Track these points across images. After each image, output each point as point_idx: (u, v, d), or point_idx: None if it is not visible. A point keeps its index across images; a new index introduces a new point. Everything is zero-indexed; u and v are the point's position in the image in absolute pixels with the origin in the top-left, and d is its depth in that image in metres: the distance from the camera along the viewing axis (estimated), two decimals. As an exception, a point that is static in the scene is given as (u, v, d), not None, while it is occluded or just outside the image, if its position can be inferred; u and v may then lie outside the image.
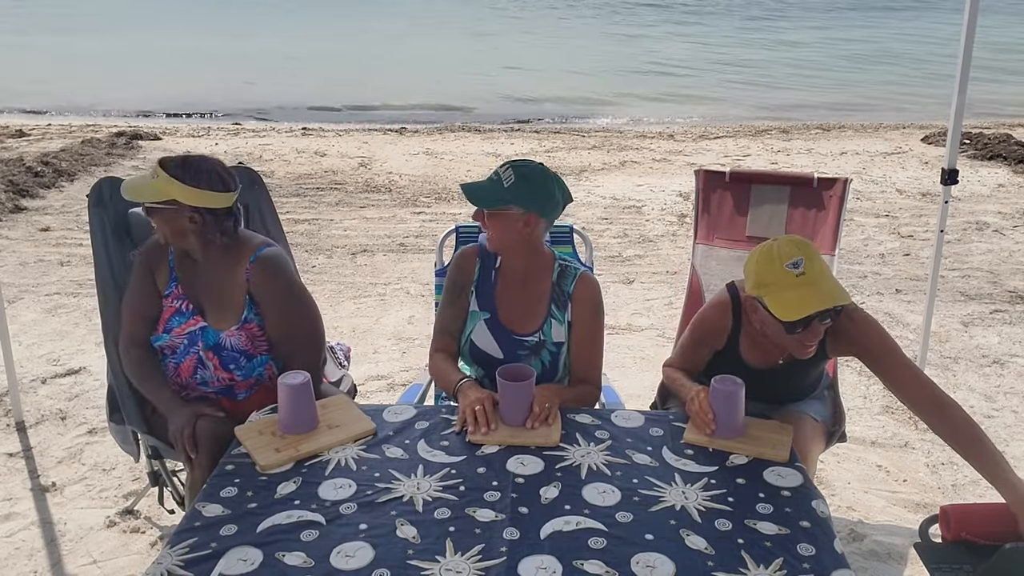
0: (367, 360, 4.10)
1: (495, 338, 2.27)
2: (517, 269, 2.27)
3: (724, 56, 18.03)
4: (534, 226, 2.15)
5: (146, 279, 2.33)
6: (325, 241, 5.95)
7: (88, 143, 8.64)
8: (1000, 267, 5.38)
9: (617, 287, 5.07)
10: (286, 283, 2.32)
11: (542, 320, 2.25)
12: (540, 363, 2.27)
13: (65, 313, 4.66)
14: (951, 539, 1.69)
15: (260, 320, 2.29)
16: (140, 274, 2.33)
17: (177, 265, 2.32)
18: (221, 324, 2.27)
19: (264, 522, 1.66)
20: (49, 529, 2.83)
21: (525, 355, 2.26)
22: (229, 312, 2.28)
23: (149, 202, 2.19)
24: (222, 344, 2.27)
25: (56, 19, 24.71)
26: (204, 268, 2.30)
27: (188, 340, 2.27)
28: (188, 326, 2.27)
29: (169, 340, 2.28)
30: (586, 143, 9.47)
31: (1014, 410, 3.61)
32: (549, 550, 1.56)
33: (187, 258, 2.31)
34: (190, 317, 2.28)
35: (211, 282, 2.29)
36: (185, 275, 2.31)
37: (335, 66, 16.73)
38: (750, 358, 2.22)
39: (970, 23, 3.09)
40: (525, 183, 2.10)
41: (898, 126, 10.44)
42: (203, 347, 2.27)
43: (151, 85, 14.13)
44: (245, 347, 2.29)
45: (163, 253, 2.33)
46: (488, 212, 2.14)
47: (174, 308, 2.29)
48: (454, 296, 2.32)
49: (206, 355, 2.27)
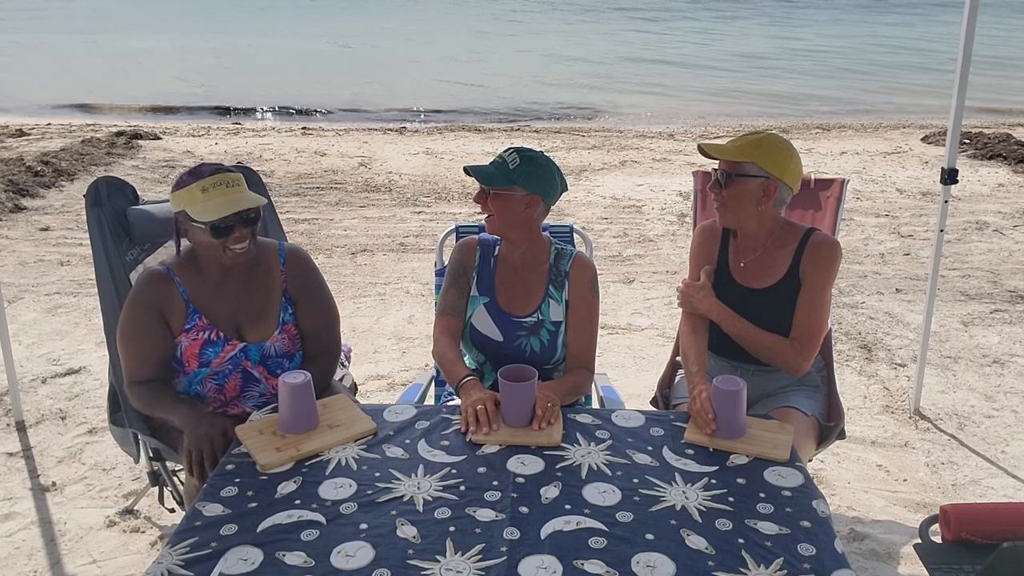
0: (367, 360, 4.10)
1: (494, 321, 2.32)
2: (516, 255, 2.33)
3: (724, 56, 18.04)
4: (534, 208, 2.23)
5: (153, 320, 2.14)
6: (325, 241, 5.96)
7: (88, 143, 8.64)
8: (1000, 267, 5.38)
9: (617, 287, 5.07)
10: (317, 272, 2.35)
11: (539, 301, 2.31)
12: (539, 342, 2.30)
13: (65, 313, 4.66)
14: (951, 539, 1.69)
15: (295, 319, 2.29)
16: (147, 317, 2.14)
17: (193, 297, 2.18)
18: (263, 335, 2.23)
19: (264, 522, 1.66)
20: (49, 529, 2.83)
21: (523, 336, 2.30)
22: (267, 320, 2.24)
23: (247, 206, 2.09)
24: (267, 354, 2.24)
25: (55, 19, 24.69)
26: (229, 288, 2.20)
27: (232, 364, 2.21)
28: (227, 352, 2.20)
29: (210, 372, 2.21)
30: (586, 143, 9.47)
31: (1014, 410, 3.61)
32: (549, 550, 1.56)
33: (203, 287, 2.19)
34: (226, 343, 2.19)
35: (246, 296, 2.22)
36: (206, 304, 2.19)
37: (336, 66, 16.73)
38: (738, 276, 2.34)
39: (970, 23, 3.09)
40: (530, 165, 2.20)
41: (898, 126, 10.45)
42: (252, 365, 2.23)
43: (151, 85, 14.14)
44: (287, 349, 2.28)
45: (171, 289, 2.16)
46: (493, 192, 2.21)
47: (202, 340, 2.17)
48: (457, 276, 2.37)
49: (256, 370, 2.24)
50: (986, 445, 3.33)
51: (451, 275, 2.38)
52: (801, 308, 2.26)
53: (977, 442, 3.35)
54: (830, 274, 2.26)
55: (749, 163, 2.19)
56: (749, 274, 2.33)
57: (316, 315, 2.32)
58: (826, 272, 2.25)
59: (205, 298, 2.19)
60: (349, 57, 17.99)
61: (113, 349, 2.40)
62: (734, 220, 2.29)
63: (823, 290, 2.25)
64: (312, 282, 2.33)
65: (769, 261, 2.31)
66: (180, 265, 2.20)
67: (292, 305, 2.28)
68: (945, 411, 3.60)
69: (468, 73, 15.96)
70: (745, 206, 2.23)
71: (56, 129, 9.87)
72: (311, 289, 2.32)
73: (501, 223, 2.25)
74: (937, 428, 3.46)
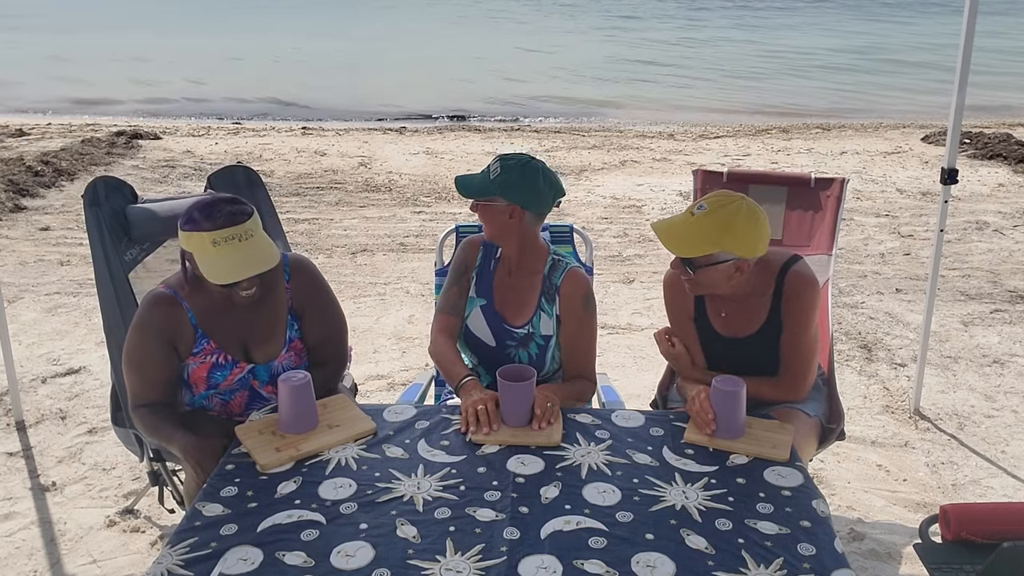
0: (367, 360, 4.10)
1: (489, 325, 2.32)
2: (512, 260, 2.32)
3: (725, 56, 18.03)
4: (519, 217, 2.20)
5: (163, 348, 2.08)
6: (325, 241, 5.96)
7: (88, 142, 8.64)
8: (1000, 267, 5.38)
9: (617, 287, 5.07)
10: (322, 282, 2.30)
11: (532, 312, 2.29)
12: (527, 354, 2.30)
13: (65, 313, 4.66)
14: (951, 539, 1.69)
15: (300, 334, 2.24)
16: (154, 342, 2.08)
17: (201, 321, 2.11)
18: (271, 355, 2.19)
19: (264, 522, 1.66)
20: (49, 529, 2.83)
21: (514, 345, 2.30)
22: (275, 340, 2.20)
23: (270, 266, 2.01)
24: (275, 373, 2.19)
25: (55, 20, 24.70)
26: (237, 311, 2.12)
27: (239, 384, 2.18)
28: (235, 375, 2.16)
29: (217, 393, 2.18)
30: (586, 143, 9.47)
31: (1014, 410, 3.61)
32: (549, 550, 1.56)
33: (211, 310, 2.12)
34: (234, 366, 2.15)
35: (253, 318, 2.16)
36: (214, 327, 2.13)
37: (335, 66, 16.72)
38: (719, 327, 2.25)
39: (970, 23, 3.09)
40: (508, 175, 2.16)
41: (898, 126, 10.44)
42: (260, 385, 2.19)
43: (151, 85, 14.14)
44: (295, 364, 2.23)
45: (179, 314, 2.10)
46: (478, 203, 2.22)
47: (210, 363, 2.13)
48: (459, 275, 2.36)
49: (265, 391, 2.20)
50: (986, 445, 3.33)
51: (454, 272, 2.38)
52: (786, 349, 2.18)
53: (977, 442, 3.35)
54: (811, 315, 2.16)
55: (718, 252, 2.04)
56: (730, 324, 2.24)
57: (322, 327, 2.27)
58: (807, 315, 2.15)
59: (213, 321, 2.12)
60: (349, 58, 17.99)
61: (113, 348, 2.40)
62: (706, 292, 2.19)
63: (806, 329, 2.16)
64: (317, 294, 2.27)
65: (748, 309, 2.21)
66: (186, 287, 2.11)
67: (298, 320, 2.23)
68: (945, 411, 3.60)
69: (468, 73, 15.96)
70: (718, 285, 2.11)
71: (56, 129, 9.87)
72: (317, 301, 2.27)
73: (490, 232, 2.26)
74: (937, 428, 3.46)
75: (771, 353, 2.21)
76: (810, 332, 2.18)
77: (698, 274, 2.07)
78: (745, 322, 2.21)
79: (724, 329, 2.25)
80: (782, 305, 2.15)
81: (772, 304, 2.17)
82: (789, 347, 2.18)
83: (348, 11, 30.09)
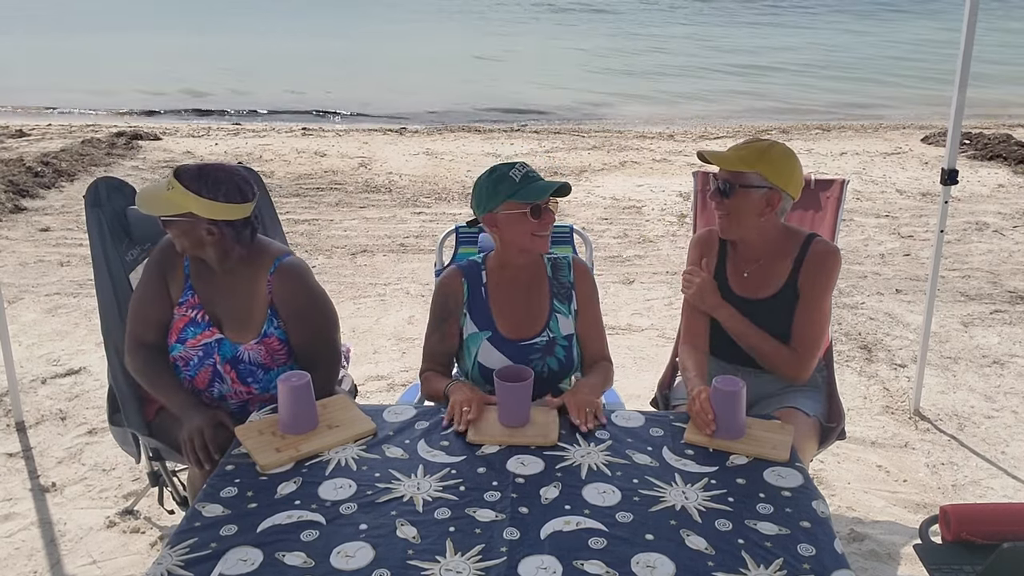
0: (367, 360, 4.10)
1: (502, 352, 2.24)
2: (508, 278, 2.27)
3: (725, 56, 18.04)
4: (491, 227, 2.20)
5: (158, 283, 2.24)
6: (325, 241, 5.96)
7: (88, 143, 8.65)
8: (1000, 267, 5.38)
9: (617, 287, 5.07)
10: (310, 292, 2.25)
11: (546, 319, 2.26)
12: (555, 359, 2.26)
13: (65, 313, 4.66)
14: (951, 539, 1.69)
15: (281, 333, 2.24)
16: (151, 277, 2.24)
17: (193, 273, 2.24)
18: (240, 337, 2.21)
19: (264, 522, 1.66)
20: (49, 529, 2.83)
21: (538, 357, 2.24)
22: (249, 325, 2.21)
23: (164, 215, 2.11)
24: (239, 357, 2.21)
25: (58, 19, 24.71)
26: (222, 279, 2.22)
27: (203, 352, 2.20)
28: (203, 337, 2.20)
29: (183, 351, 2.21)
30: (586, 143, 9.47)
31: (1014, 410, 3.61)
32: (549, 550, 1.56)
33: (204, 267, 2.23)
34: (206, 328, 2.20)
35: (230, 294, 2.22)
36: (201, 284, 2.23)
37: (336, 66, 16.73)
38: (736, 287, 2.32)
39: (970, 23, 3.09)
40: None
41: (898, 126, 10.44)
42: (220, 360, 2.21)
43: (151, 84, 14.14)
44: (264, 360, 2.23)
45: (178, 258, 2.24)
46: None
47: (188, 317, 2.21)
48: (440, 321, 2.28)
49: (223, 368, 2.21)
50: (986, 446, 3.33)
51: (434, 317, 2.29)
52: (799, 319, 2.24)
53: (977, 443, 3.35)
54: (829, 284, 2.24)
55: (753, 173, 2.16)
56: (748, 285, 2.30)
57: (304, 335, 2.25)
58: (825, 283, 2.22)
59: (201, 279, 2.24)
60: (349, 57, 17.99)
61: (112, 351, 2.40)
62: (736, 231, 2.26)
63: (822, 300, 2.23)
64: (299, 301, 2.24)
65: (768, 271, 2.28)
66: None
67: (278, 318, 2.23)
68: (945, 412, 3.60)
69: (468, 73, 15.96)
70: (748, 217, 2.20)
71: (56, 130, 9.87)
72: (298, 308, 2.24)
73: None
74: (937, 429, 3.46)
75: (782, 320, 2.26)
76: (824, 306, 2.26)
77: (732, 198, 2.18)
78: (764, 284, 2.28)
79: (741, 290, 2.31)
80: (802, 270, 2.24)
81: (792, 269, 2.25)
82: (801, 319, 2.24)
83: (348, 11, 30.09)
